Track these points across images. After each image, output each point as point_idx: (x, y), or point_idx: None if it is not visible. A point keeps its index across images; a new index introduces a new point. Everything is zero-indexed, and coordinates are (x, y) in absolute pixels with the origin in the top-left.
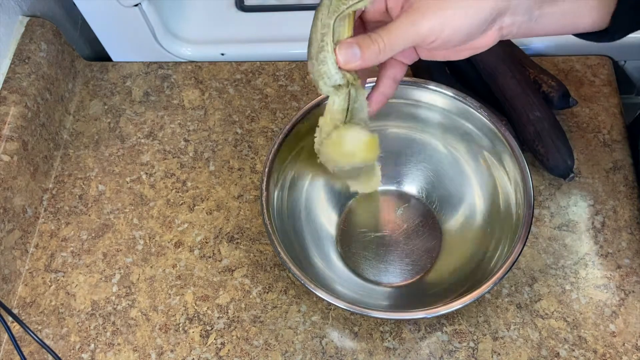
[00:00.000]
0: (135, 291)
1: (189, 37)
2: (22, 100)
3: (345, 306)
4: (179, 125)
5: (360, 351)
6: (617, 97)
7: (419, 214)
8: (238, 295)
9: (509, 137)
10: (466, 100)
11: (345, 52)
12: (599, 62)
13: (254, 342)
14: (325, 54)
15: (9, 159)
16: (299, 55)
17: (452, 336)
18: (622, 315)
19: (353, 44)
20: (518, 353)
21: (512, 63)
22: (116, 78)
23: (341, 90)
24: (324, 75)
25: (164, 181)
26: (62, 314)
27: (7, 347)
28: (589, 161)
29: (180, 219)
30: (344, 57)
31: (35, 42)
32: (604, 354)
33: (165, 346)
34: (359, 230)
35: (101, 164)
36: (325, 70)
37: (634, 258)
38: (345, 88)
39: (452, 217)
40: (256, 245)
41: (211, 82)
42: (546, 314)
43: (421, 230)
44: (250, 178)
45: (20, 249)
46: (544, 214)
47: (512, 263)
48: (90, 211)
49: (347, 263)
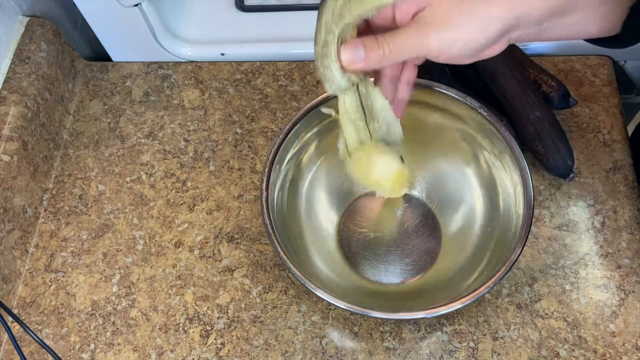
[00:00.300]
0: (135, 291)
1: (189, 37)
2: (22, 100)
3: (345, 306)
4: (179, 125)
5: (360, 351)
6: (617, 97)
7: (419, 214)
8: (238, 295)
9: (509, 137)
10: (466, 100)
11: (350, 53)
12: (599, 62)
13: (254, 342)
14: (329, 61)
15: (9, 159)
16: (299, 55)
17: (452, 336)
18: (622, 315)
19: (358, 45)
20: (518, 353)
21: (512, 63)
22: (116, 78)
23: (349, 90)
24: (329, 80)
25: (164, 181)
26: (62, 314)
27: (7, 347)
28: (589, 161)
29: (180, 219)
30: (348, 57)
31: (35, 42)
32: (604, 354)
33: (165, 346)
34: (359, 230)
35: (101, 164)
36: (329, 76)
37: (634, 258)
38: (352, 87)
39: (452, 217)
40: (256, 245)
41: (211, 82)
42: (546, 314)
43: (421, 230)
44: (250, 178)
45: (20, 249)
46: (544, 214)
47: (512, 263)
48: (90, 211)
49: (347, 263)
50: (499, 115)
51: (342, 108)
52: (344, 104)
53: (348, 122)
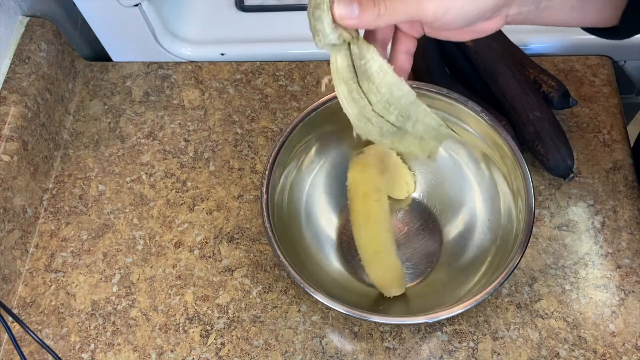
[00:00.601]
0: (135, 291)
1: (189, 37)
2: (22, 100)
3: (345, 310)
4: (179, 125)
5: (360, 351)
6: (617, 97)
7: (419, 217)
8: (238, 295)
9: (510, 142)
10: (467, 104)
11: (344, 7)
12: (599, 62)
13: (254, 342)
14: (321, 13)
15: (9, 159)
16: (299, 55)
17: (452, 336)
18: (622, 315)
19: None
20: (518, 353)
21: (512, 63)
22: (116, 78)
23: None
24: (319, 32)
25: (164, 181)
26: (62, 314)
27: (7, 347)
28: (589, 161)
29: (180, 219)
30: (341, 11)
31: (35, 42)
32: (604, 354)
33: (165, 346)
34: None
35: (101, 164)
36: (320, 29)
37: (634, 258)
38: (344, 45)
39: (453, 221)
40: (256, 245)
41: (211, 82)
42: (546, 314)
43: (422, 233)
44: (250, 178)
45: (20, 249)
46: (544, 214)
47: (513, 268)
48: (90, 211)
49: (347, 266)
50: (499, 117)
51: (334, 66)
52: (335, 62)
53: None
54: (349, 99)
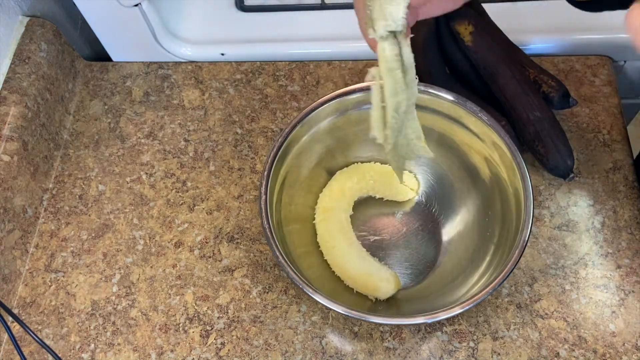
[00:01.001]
0: (135, 291)
1: (189, 37)
2: (22, 100)
3: (344, 311)
4: (179, 125)
5: (360, 351)
6: (617, 97)
7: (418, 217)
8: (238, 295)
9: (509, 141)
10: (466, 104)
11: None
12: (599, 62)
13: (254, 342)
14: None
15: (9, 159)
16: (299, 55)
17: (452, 336)
18: (622, 315)
19: None
20: (518, 353)
21: (512, 63)
22: (116, 78)
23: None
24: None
25: (164, 181)
26: (62, 314)
27: (7, 347)
28: (589, 161)
29: (180, 219)
30: None
31: (35, 42)
32: (604, 354)
33: (165, 346)
34: (358, 233)
35: (101, 164)
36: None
37: (634, 258)
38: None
39: (452, 221)
40: (256, 245)
41: (211, 82)
42: (546, 314)
43: (421, 234)
44: (250, 178)
45: (20, 249)
46: (544, 214)
47: (512, 268)
48: (90, 211)
49: None
50: (499, 117)
51: (383, 56)
52: (383, 51)
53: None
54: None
